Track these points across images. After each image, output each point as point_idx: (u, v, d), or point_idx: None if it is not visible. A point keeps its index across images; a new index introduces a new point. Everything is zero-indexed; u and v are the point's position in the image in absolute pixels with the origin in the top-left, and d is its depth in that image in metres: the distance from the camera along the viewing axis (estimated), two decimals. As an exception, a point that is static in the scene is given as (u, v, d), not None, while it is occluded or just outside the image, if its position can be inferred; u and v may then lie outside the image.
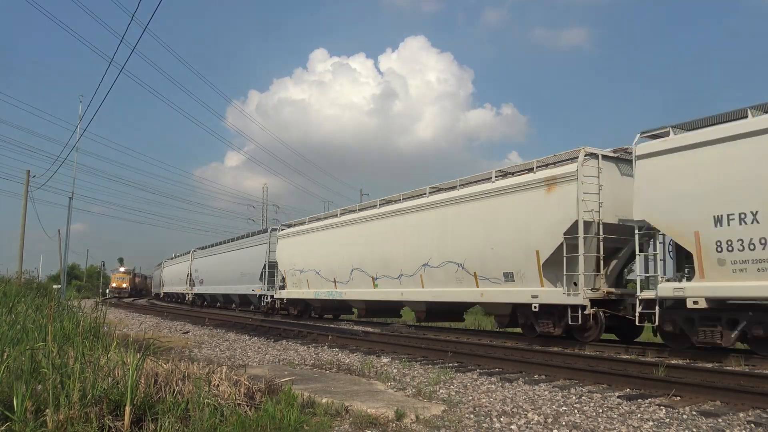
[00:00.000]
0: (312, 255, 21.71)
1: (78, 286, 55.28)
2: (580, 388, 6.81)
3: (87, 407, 3.84)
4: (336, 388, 6.22)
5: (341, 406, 5.22)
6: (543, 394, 6.43)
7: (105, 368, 4.47)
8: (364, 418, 4.90)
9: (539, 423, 5.03)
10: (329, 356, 9.69)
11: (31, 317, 7.07)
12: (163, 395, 4.32)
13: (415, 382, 7.19)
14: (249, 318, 19.44)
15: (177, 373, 4.68)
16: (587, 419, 5.22)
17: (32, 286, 18.72)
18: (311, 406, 5.23)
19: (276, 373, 6.97)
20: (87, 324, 7.01)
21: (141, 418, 4.01)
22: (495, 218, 13.15)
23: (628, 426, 4.98)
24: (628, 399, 6.11)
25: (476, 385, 6.97)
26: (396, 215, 16.85)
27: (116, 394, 4.08)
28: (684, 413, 5.48)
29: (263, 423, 4.28)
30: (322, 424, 4.68)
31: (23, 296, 11.08)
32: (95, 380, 4.14)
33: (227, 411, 4.36)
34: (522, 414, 5.36)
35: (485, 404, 5.82)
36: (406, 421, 4.90)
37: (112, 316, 18.61)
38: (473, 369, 8.31)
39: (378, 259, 17.44)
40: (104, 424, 3.80)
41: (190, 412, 4.17)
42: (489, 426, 4.91)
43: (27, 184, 37.70)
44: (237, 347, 11.29)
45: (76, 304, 10.70)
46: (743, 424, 5.08)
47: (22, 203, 37.45)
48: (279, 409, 4.53)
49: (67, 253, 32.92)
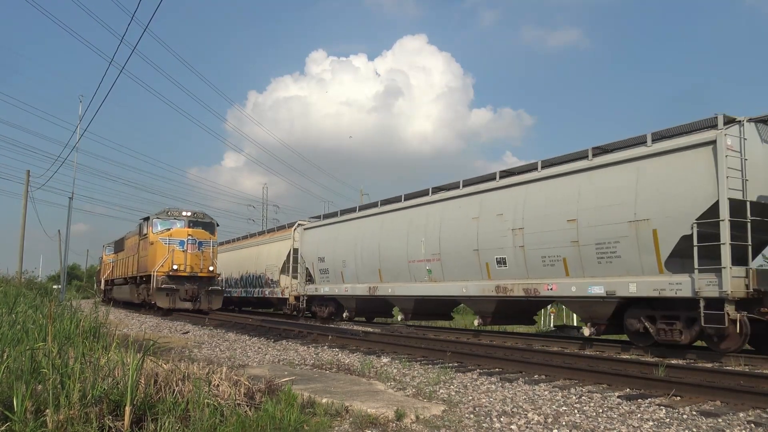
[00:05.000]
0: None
1: (78, 287, 54.99)
2: (580, 388, 6.81)
3: (87, 407, 3.84)
4: (336, 388, 6.22)
5: (341, 406, 5.21)
6: (543, 394, 6.43)
7: (105, 368, 4.47)
8: (364, 418, 4.90)
9: (539, 423, 5.03)
10: (329, 356, 9.69)
11: (31, 317, 7.06)
12: (163, 395, 4.32)
13: (415, 382, 7.19)
14: (249, 318, 19.42)
15: (177, 374, 4.68)
16: (587, 419, 5.22)
17: (32, 286, 18.73)
18: (311, 406, 5.23)
19: (276, 373, 6.97)
20: (87, 324, 7.01)
21: (141, 418, 4.01)
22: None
23: (628, 426, 4.98)
24: (628, 399, 6.11)
25: (476, 385, 6.97)
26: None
27: (116, 395, 4.08)
28: (684, 413, 5.48)
29: (263, 423, 4.28)
30: (322, 424, 4.68)
31: (23, 296, 11.09)
32: (95, 380, 4.13)
33: (227, 411, 4.35)
34: (522, 414, 5.36)
35: (485, 404, 5.82)
36: (406, 421, 4.90)
37: (112, 316, 18.61)
38: (473, 369, 8.31)
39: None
40: (104, 424, 3.80)
41: (190, 412, 4.17)
42: (489, 426, 4.91)
43: (27, 184, 37.75)
44: (237, 347, 11.29)
45: (76, 305, 10.71)
46: (743, 424, 5.08)
47: (22, 203, 37.52)
48: (279, 409, 4.54)
49: (67, 253, 32.89)
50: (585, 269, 11.46)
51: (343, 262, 19.16)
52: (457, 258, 14.59)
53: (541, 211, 12.30)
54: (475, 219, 14.01)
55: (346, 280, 19.25)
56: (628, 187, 10.68)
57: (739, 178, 9.43)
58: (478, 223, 13.93)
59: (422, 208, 16.22)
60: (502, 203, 13.38)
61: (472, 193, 14.48)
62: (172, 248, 21.80)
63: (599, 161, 11.40)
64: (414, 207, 16.58)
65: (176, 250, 21.82)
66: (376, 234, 17.86)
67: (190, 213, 23.28)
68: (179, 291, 21.29)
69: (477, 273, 13.99)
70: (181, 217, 22.89)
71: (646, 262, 10.40)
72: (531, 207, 12.58)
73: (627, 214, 10.61)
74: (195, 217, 23.21)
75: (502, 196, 13.50)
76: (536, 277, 12.45)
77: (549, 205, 12.16)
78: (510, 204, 13.15)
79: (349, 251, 18.98)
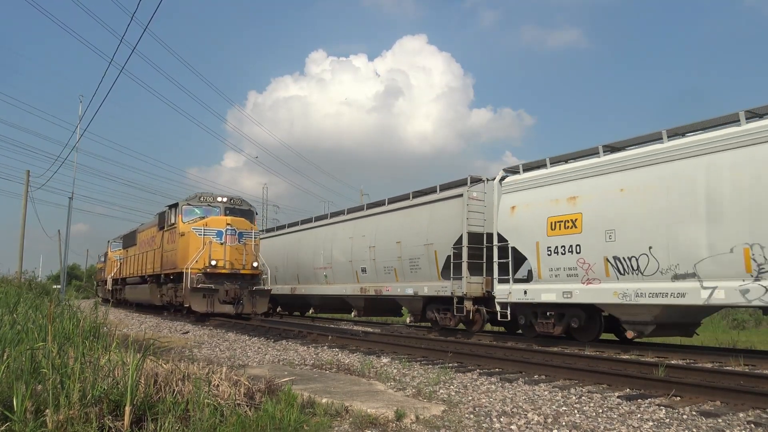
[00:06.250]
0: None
1: (78, 287, 54.76)
2: (580, 388, 6.82)
3: (87, 407, 3.84)
4: (336, 388, 6.22)
5: (341, 406, 5.21)
6: (543, 394, 6.43)
7: (105, 368, 4.47)
8: (364, 418, 4.90)
9: (539, 423, 5.03)
10: (329, 356, 9.69)
11: (31, 317, 7.06)
12: (163, 395, 4.32)
13: (415, 382, 7.19)
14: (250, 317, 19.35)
15: (177, 373, 4.68)
16: (587, 419, 5.22)
17: (32, 286, 18.69)
18: (311, 406, 5.23)
19: (276, 373, 6.97)
20: (87, 324, 7.01)
21: (141, 418, 4.01)
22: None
23: (628, 426, 4.98)
24: (628, 399, 6.11)
25: (476, 386, 6.97)
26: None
27: (116, 394, 4.08)
28: (684, 413, 5.48)
29: (263, 423, 4.28)
30: (322, 424, 4.68)
31: (23, 296, 11.09)
32: (95, 380, 4.13)
33: (227, 411, 4.36)
34: (522, 414, 5.36)
35: (485, 404, 5.82)
36: (406, 421, 4.90)
37: (112, 316, 18.61)
38: (473, 369, 8.31)
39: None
40: (104, 424, 3.80)
41: (190, 412, 4.17)
42: (489, 426, 4.91)
43: (27, 184, 37.75)
44: (237, 347, 11.29)
45: (76, 305, 10.70)
46: (743, 424, 5.08)
47: (22, 203, 37.52)
48: (279, 409, 4.54)
49: (67, 253, 32.82)
50: (405, 276, 16.58)
51: (276, 267, 22.73)
52: (341, 266, 19.46)
53: (384, 235, 17.42)
54: (351, 238, 18.94)
55: (278, 282, 23.19)
56: (425, 221, 15.86)
57: (480, 218, 14.32)
58: (352, 242, 18.82)
59: (323, 228, 21.34)
60: (366, 228, 18.42)
61: (350, 219, 19.65)
62: (208, 240, 17.94)
63: (415, 201, 16.69)
64: (319, 227, 21.69)
65: (214, 243, 17.94)
66: (295, 247, 22.87)
67: (226, 198, 19.62)
68: (218, 292, 17.60)
69: (352, 278, 18.81)
70: (216, 203, 19.31)
71: (432, 273, 15.44)
72: (380, 231, 17.67)
73: (423, 239, 15.72)
74: (232, 203, 19.62)
75: (367, 223, 18.55)
76: (382, 282, 17.44)
77: (388, 231, 17.30)
78: (369, 229, 18.23)
79: (281, 259, 23.42)
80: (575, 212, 11.65)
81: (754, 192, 9.01)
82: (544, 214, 12.23)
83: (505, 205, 13.26)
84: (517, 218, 12.94)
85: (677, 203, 9.97)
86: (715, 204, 9.46)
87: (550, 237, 12.04)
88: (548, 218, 12.13)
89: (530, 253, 12.55)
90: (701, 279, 9.59)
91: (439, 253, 15.01)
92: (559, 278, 11.90)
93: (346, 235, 19.24)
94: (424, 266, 15.59)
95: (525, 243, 12.64)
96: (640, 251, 10.46)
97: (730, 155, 9.46)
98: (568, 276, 11.70)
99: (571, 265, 11.63)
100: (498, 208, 13.45)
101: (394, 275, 16.88)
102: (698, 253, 9.61)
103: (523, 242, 12.69)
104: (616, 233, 10.85)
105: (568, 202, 11.86)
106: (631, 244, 10.60)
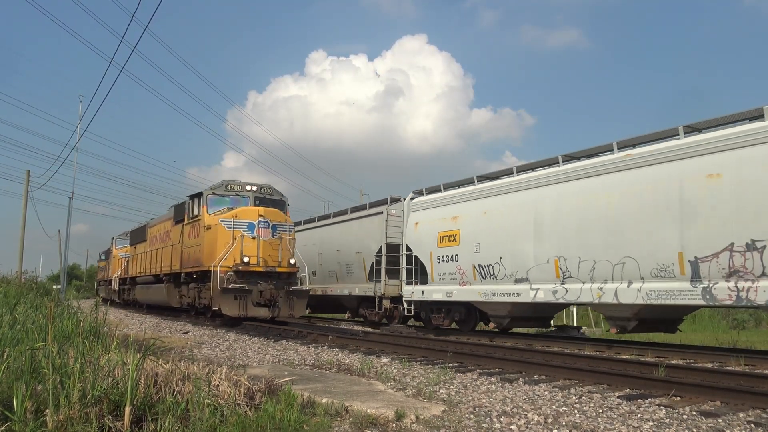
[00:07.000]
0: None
1: (78, 287, 54.71)
2: (580, 388, 6.82)
3: (87, 407, 3.84)
4: (336, 389, 6.22)
5: (341, 407, 5.22)
6: (543, 394, 6.43)
7: (105, 368, 4.46)
8: (364, 418, 4.90)
9: (539, 423, 5.03)
10: (329, 356, 9.69)
11: (31, 317, 7.06)
12: (163, 395, 4.32)
13: (415, 382, 7.19)
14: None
15: (177, 374, 4.68)
16: (587, 419, 5.22)
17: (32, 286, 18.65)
18: (311, 406, 5.23)
19: (276, 373, 6.97)
20: (87, 324, 7.01)
21: (141, 418, 4.01)
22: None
23: (628, 426, 4.98)
24: (628, 399, 6.11)
25: (476, 386, 6.97)
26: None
27: (116, 394, 4.08)
28: (684, 413, 5.48)
29: (263, 423, 4.28)
30: (322, 425, 4.68)
31: (23, 296, 11.09)
32: (95, 380, 4.13)
33: (227, 411, 4.36)
34: (522, 414, 5.36)
35: (485, 404, 5.82)
36: (406, 421, 4.90)
37: (112, 316, 18.62)
38: (473, 369, 8.31)
39: None
40: (104, 424, 3.80)
41: (190, 412, 4.17)
42: (489, 426, 4.92)
43: (27, 184, 37.76)
44: (237, 347, 11.30)
45: (76, 305, 10.70)
46: (743, 424, 5.08)
47: (22, 203, 37.52)
48: (279, 410, 4.54)
49: (67, 253, 32.86)
50: (343, 279, 20.18)
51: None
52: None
53: (329, 244, 21.12)
54: (305, 246, 20.70)
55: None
56: (357, 233, 19.45)
57: (397, 231, 17.47)
58: (305, 248, 20.49)
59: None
60: (315, 237, 22.03)
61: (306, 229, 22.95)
62: (239, 234, 15.36)
63: (351, 216, 20.27)
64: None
65: (245, 237, 15.34)
66: None
67: (255, 187, 17.11)
68: (251, 293, 15.08)
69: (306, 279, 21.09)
70: (245, 192, 16.85)
71: (362, 276, 18.85)
72: (324, 241, 21.41)
73: (356, 248, 19.31)
74: (263, 192, 17.14)
75: (317, 233, 22.21)
76: (327, 284, 21.06)
77: (332, 240, 20.93)
78: (317, 237, 21.98)
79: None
80: (455, 229, 14.97)
81: (559, 219, 12.21)
82: (436, 229, 15.55)
83: (411, 222, 16.69)
84: (419, 232, 16.28)
85: (518, 224, 13.17)
86: (540, 226, 12.63)
87: (439, 248, 15.36)
88: (438, 233, 15.44)
89: (427, 261, 15.85)
90: (531, 282, 12.74)
91: (366, 260, 18.71)
92: (444, 281, 15.18)
93: (301, 243, 18.97)
94: (357, 271, 19.24)
95: (424, 252, 15.99)
96: (494, 260, 13.68)
97: (549, 190, 12.65)
98: (450, 279, 14.98)
99: (452, 271, 14.95)
100: (406, 224, 16.91)
101: (336, 278, 20.68)
102: (529, 263, 12.77)
103: (423, 252, 16.04)
104: (480, 246, 14.11)
105: (451, 221, 15.18)
106: (489, 255, 13.79)
